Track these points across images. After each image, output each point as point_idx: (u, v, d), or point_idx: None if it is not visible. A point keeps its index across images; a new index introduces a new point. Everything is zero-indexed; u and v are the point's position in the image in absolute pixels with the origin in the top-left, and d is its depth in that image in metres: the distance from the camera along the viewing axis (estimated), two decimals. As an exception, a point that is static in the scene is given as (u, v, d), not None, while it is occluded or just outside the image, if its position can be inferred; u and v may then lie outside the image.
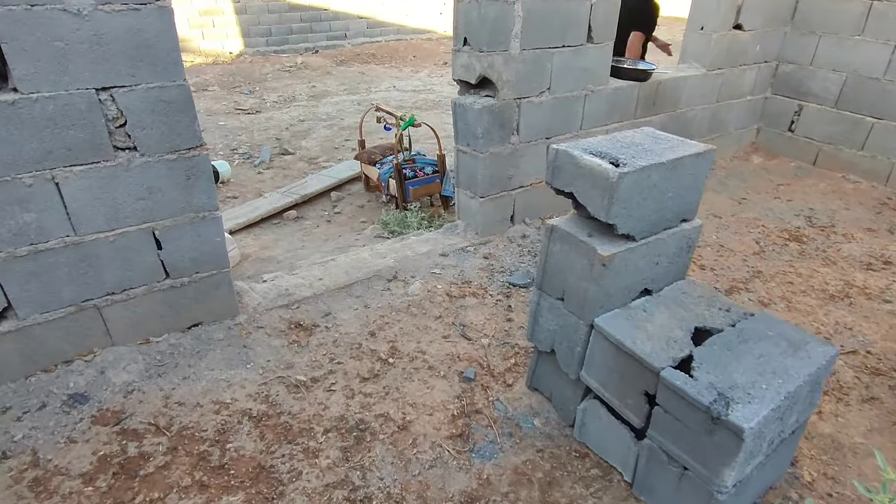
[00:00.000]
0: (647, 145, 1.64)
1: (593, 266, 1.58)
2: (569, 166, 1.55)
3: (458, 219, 3.27)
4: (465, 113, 2.86)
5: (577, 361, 1.77)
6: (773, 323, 1.65)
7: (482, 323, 2.50)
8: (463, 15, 2.67)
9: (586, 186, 1.52)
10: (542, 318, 1.87)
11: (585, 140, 1.64)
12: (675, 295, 1.79)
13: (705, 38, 3.76)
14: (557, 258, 1.71)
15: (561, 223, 1.67)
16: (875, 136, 3.93)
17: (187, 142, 2.00)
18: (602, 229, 1.63)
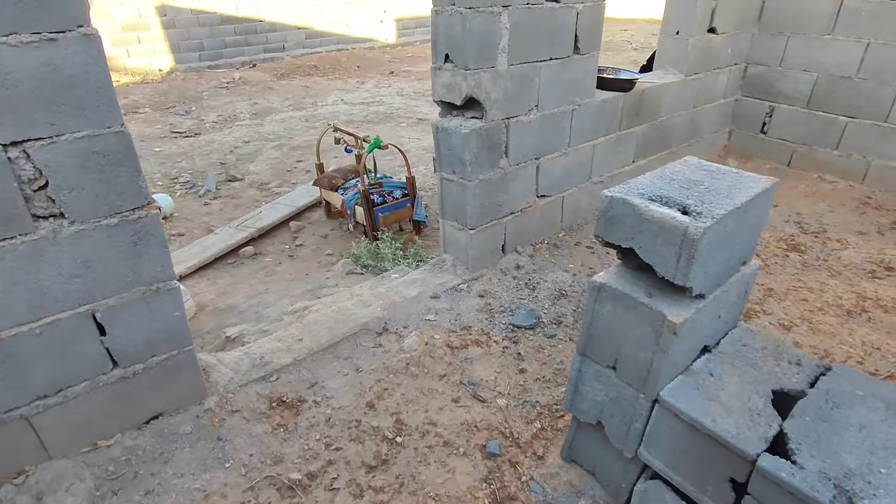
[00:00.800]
0: (706, 182, 1.39)
1: (661, 334, 1.31)
2: (629, 218, 1.27)
3: (444, 252, 2.95)
4: (450, 138, 2.55)
5: (635, 439, 1.50)
6: (857, 379, 1.43)
7: (493, 378, 2.20)
8: (443, 29, 2.37)
9: (653, 243, 1.24)
10: (586, 386, 1.59)
11: (636, 182, 1.37)
12: (735, 349, 1.55)
13: (682, 43, 3.62)
14: (608, 321, 1.43)
15: (610, 280, 1.40)
16: (849, 135, 3.92)
17: (131, 201, 1.60)
18: (661, 284, 1.36)
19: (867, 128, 3.82)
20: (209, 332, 3.08)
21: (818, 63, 3.91)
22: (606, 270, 1.46)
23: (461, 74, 2.39)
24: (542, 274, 2.89)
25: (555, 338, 2.44)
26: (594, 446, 1.70)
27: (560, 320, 2.56)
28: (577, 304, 2.66)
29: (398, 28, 12.96)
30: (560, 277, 2.87)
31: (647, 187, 1.32)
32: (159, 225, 1.68)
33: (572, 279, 2.85)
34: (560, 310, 2.63)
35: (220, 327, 3.09)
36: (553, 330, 2.48)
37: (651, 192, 1.30)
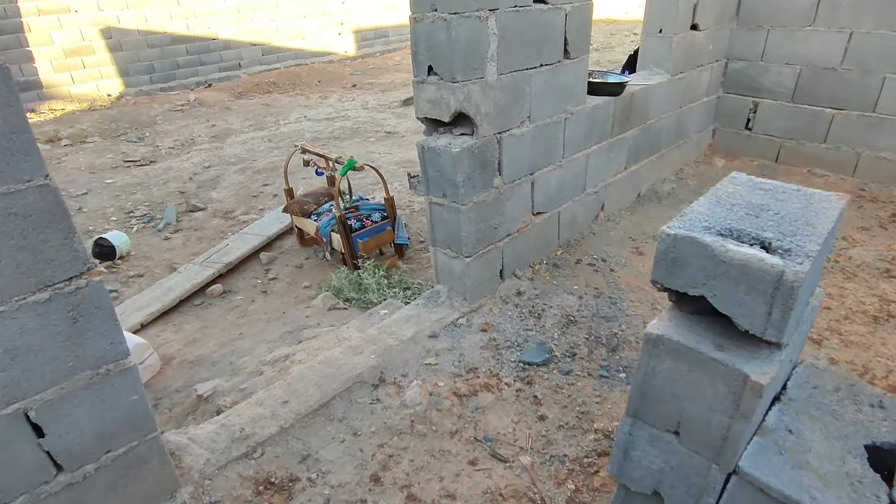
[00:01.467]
0: (773, 206, 1.16)
1: (741, 396, 1.07)
2: (699, 261, 1.03)
3: (437, 283, 2.68)
4: (438, 158, 2.29)
5: (701, 510, 1.26)
6: (957, 422, 1.23)
7: (510, 429, 1.94)
8: (425, 38, 2.11)
9: (733, 291, 1.00)
10: (639, 452, 1.34)
11: (694, 213, 1.13)
12: (807, 394, 1.33)
13: (666, 42, 3.46)
14: (668, 380, 1.19)
15: (669, 332, 1.15)
16: (836, 127, 3.82)
17: (65, 269, 1.28)
18: (730, 332, 1.13)
19: (855, 119, 3.73)
20: (178, 390, 2.73)
21: (800, 55, 3.82)
22: (659, 317, 1.22)
23: (448, 88, 2.13)
24: (546, 299, 2.65)
25: (571, 374, 2.19)
26: (646, 515, 1.46)
27: (573, 352, 2.32)
28: (588, 331, 2.43)
29: (357, 39, 12.67)
30: (566, 301, 2.63)
31: (710, 219, 1.09)
32: (104, 294, 1.36)
33: (579, 302, 2.62)
34: (571, 339, 2.39)
35: (189, 384, 2.74)
36: (568, 364, 2.24)
37: (718, 224, 1.06)
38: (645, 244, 3.13)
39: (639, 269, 2.88)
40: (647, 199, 3.68)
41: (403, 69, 11.53)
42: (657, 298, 2.64)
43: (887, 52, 3.48)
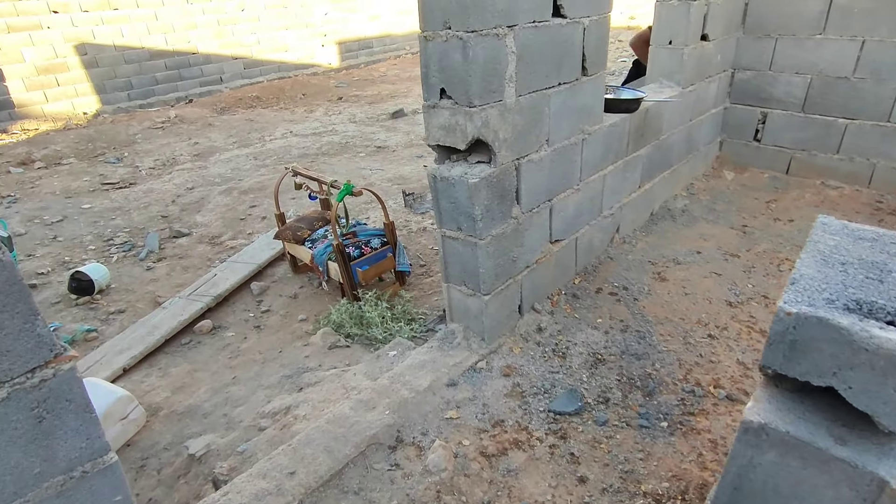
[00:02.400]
0: (891, 263, 0.97)
1: (873, 502, 0.87)
2: (830, 346, 0.83)
3: (450, 322, 2.46)
4: (453, 189, 2.08)
5: None
6: None
7: (549, 496, 1.72)
8: (437, 59, 1.91)
9: (880, 385, 0.80)
10: (725, 549, 1.13)
11: (805, 277, 0.94)
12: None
13: (677, 54, 3.30)
14: (772, 475, 0.99)
15: (775, 420, 0.95)
16: (850, 137, 3.70)
17: (25, 360, 1.04)
18: (848, 419, 0.93)
19: (869, 129, 3.61)
20: (166, 447, 2.48)
21: (811, 64, 3.69)
22: (755, 398, 1.01)
23: (464, 113, 1.92)
24: (570, 335, 2.45)
25: (608, 424, 1.99)
26: None
27: (607, 397, 2.11)
28: (619, 372, 2.23)
29: (341, 51, 12.46)
30: (590, 337, 2.43)
31: (827, 287, 0.89)
32: (77, 383, 1.12)
33: (605, 338, 2.42)
34: (602, 381, 2.19)
35: (179, 439, 2.49)
36: (603, 413, 2.03)
37: (840, 295, 0.87)
38: (666, 268, 2.94)
39: (664, 297, 2.70)
40: (660, 218, 3.51)
41: (389, 80, 11.34)
42: (688, 331, 2.45)
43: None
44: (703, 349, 2.33)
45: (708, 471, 1.77)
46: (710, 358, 2.28)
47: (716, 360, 2.26)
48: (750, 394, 2.07)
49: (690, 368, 2.23)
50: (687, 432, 1.93)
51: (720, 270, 2.90)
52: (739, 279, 2.82)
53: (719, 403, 2.05)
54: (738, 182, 4.05)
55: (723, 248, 3.15)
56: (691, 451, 1.85)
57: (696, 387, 2.12)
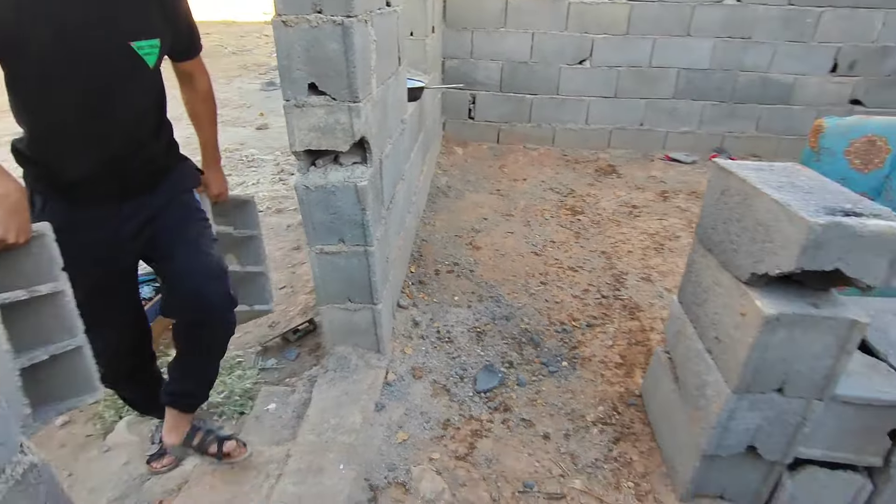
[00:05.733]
0: (809, 184, 1.41)
1: (847, 339, 1.30)
2: (841, 241, 1.17)
3: (334, 347, 2.19)
4: (333, 198, 1.84)
5: (788, 442, 1.48)
6: None
7: (534, 464, 1.81)
8: (303, 49, 1.61)
9: (865, 257, 1.19)
10: (736, 422, 1.47)
11: (794, 202, 1.27)
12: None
13: (419, 44, 3.57)
14: (780, 348, 1.33)
15: (782, 308, 1.29)
16: (536, 109, 4.73)
17: None
18: (808, 294, 1.35)
19: (547, 101, 4.70)
20: None
21: (500, 53, 4.53)
22: (745, 300, 1.34)
23: (345, 110, 1.71)
24: (441, 319, 2.51)
25: (528, 383, 2.17)
26: (723, 472, 1.62)
27: (509, 360, 2.29)
28: (502, 337, 2.43)
29: None
30: (460, 316, 2.55)
31: (813, 205, 1.24)
32: None
33: (471, 312, 2.58)
34: (496, 349, 2.35)
35: None
36: (520, 374, 2.20)
37: (825, 208, 1.23)
38: (473, 238, 3.27)
39: (489, 263, 3.01)
40: (436, 196, 3.82)
41: None
42: (525, 285, 2.82)
43: (558, 48, 4.47)
44: (545, 295, 2.74)
45: (616, 384, 2.15)
46: (554, 300, 2.70)
47: (559, 300, 2.70)
48: (596, 319, 2.57)
49: (548, 313, 2.60)
50: (582, 363, 2.28)
51: (510, 230, 3.40)
52: (527, 233, 3.37)
53: (585, 332, 2.48)
54: (467, 155, 4.71)
55: (497, 211, 3.67)
56: (595, 375, 2.21)
57: (563, 326, 2.51)
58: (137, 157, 1.42)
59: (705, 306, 1.61)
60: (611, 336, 2.43)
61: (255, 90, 8.05)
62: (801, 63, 4.51)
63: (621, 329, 2.47)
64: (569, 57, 4.55)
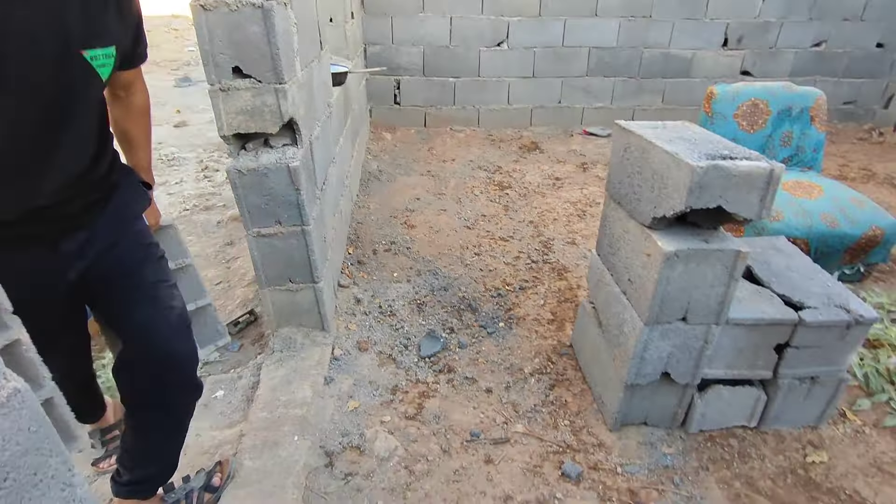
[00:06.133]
0: (690, 135, 1.60)
1: (734, 268, 1.51)
2: (719, 181, 1.36)
3: (278, 329, 2.23)
4: (267, 180, 1.88)
5: (700, 365, 1.70)
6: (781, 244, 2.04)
7: (479, 415, 1.95)
8: (226, 32, 1.63)
9: (740, 193, 1.39)
10: (651, 351, 1.66)
11: (679, 150, 1.45)
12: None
13: (339, 30, 3.58)
14: (680, 281, 1.53)
15: (678, 245, 1.48)
16: (459, 92, 4.86)
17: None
18: (698, 231, 1.56)
19: (469, 84, 4.84)
20: None
21: (421, 37, 4.61)
22: (649, 241, 1.53)
23: (272, 92, 1.75)
24: (382, 296, 2.59)
25: (469, 345, 2.31)
26: (644, 400, 1.82)
27: (450, 327, 2.41)
28: (441, 306, 2.55)
29: None
30: (400, 290, 2.64)
31: (695, 152, 1.43)
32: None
33: (410, 286, 2.68)
34: (436, 318, 2.47)
35: None
36: (460, 338, 2.33)
37: (704, 154, 1.42)
38: (408, 218, 3.36)
39: (425, 239, 3.11)
40: (369, 181, 3.87)
41: None
42: (460, 257, 2.95)
43: (476, 31, 4.61)
44: (479, 265, 2.89)
45: (549, 338, 2.33)
46: (488, 269, 2.85)
47: (493, 268, 2.85)
48: (528, 282, 2.75)
49: (483, 281, 2.74)
50: (517, 322, 2.44)
51: (443, 207, 3.52)
52: (459, 210, 3.50)
53: (518, 294, 2.64)
54: (396, 140, 4.77)
55: (429, 191, 3.78)
56: (530, 332, 2.38)
57: (497, 291, 2.66)
58: (79, 187, 1.16)
59: (619, 254, 1.79)
60: (542, 296, 2.61)
61: (168, 87, 7.68)
62: (696, 39, 4.90)
63: (551, 289, 2.66)
64: (487, 40, 4.70)
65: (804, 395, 1.81)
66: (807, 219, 2.55)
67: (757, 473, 1.73)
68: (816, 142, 2.97)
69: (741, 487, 1.68)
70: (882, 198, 3.75)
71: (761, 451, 1.81)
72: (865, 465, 1.77)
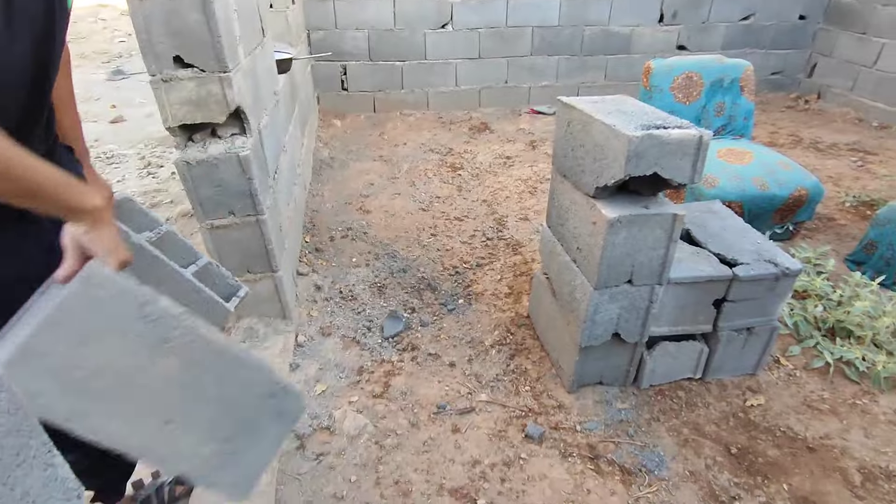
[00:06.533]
0: (624, 107, 1.69)
1: (672, 230, 1.62)
2: (653, 149, 1.45)
3: (240, 321, 2.22)
4: (217, 171, 1.86)
5: (643, 324, 1.82)
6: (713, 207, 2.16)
7: (444, 388, 2.02)
8: (163, 20, 1.59)
9: (674, 160, 1.49)
10: (601, 314, 1.76)
11: (615, 122, 1.54)
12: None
13: (281, 16, 3.50)
14: (624, 245, 1.62)
15: (621, 212, 1.57)
16: (407, 75, 4.85)
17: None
18: (636, 198, 1.66)
19: (416, 67, 4.83)
20: None
21: (365, 21, 4.56)
22: (593, 209, 1.61)
23: (218, 80, 1.72)
24: (342, 281, 2.61)
25: (431, 322, 2.37)
26: (598, 361, 1.93)
27: (412, 307, 2.47)
28: (402, 287, 2.59)
29: None
30: (360, 275, 2.67)
31: (631, 123, 1.52)
32: None
33: (369, 270, 2.71)
34: (397, 299, 2.51)
35: None
36: (422, 317, 2.39)
37: (640, 125, 1.51)
38: (363, 203, 3.37)
39: (381, 223, 3.14)
40: (321, 169, 3.84)
41: None
42: (417, 238, 3.00)
43: (420, 13, 4.60)
44: (436, 245, 2.94)
45: (507, 311, 2.42)
46: (445, 248, 2.91)
47: (450, 248, 2.91)
48: (484, 259, 2.82)
49: (441, 261, 2.80)
50: (476, 298, 2.52)
51: (397, 191, 3.54)
52: (413, 192, 3.53)
53: (476, 271, 2.71)
54: (346, 126, 4.73)
55: (383, 176, 3.79)
56: (488, 306, 2.46)
57: (455, 269, 2.73)
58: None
59: (567, 225, 1.88)
60: (498, 271, 2.69)
61: (100, 81, 7.29)
62: (634, 15, 5.06)
63: (507, 264, 2.75)
64: (431, 22, 4.70)
65: (742, 345, 1.97)
66: (740, 183, 2.72)
67: (703, 419, 1.87)
68: (746, 111, 3.16)
69: (689, 433, 1.82)
70: (808, 161, 4.02)
71: (706, 399, 1.96)
72: (797, 404, 1.95)
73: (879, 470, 1.70)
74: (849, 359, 2.07)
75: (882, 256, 2.59)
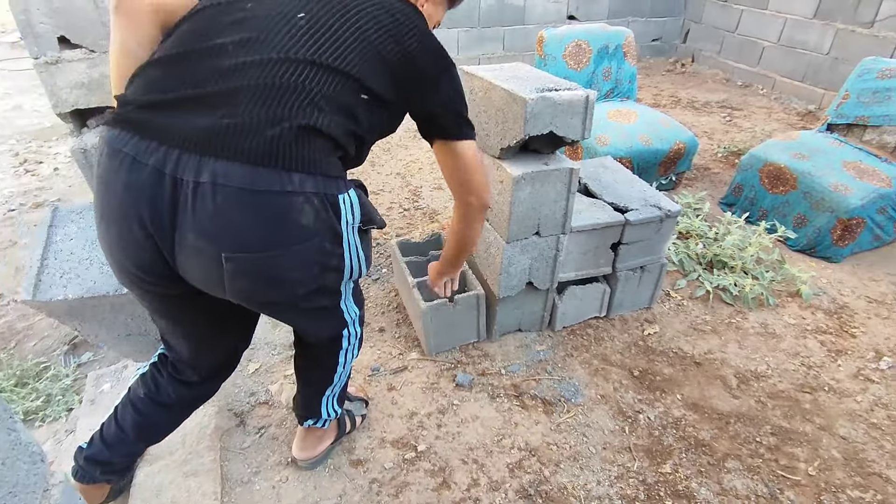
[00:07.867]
0: (522, 73, 1.83)
1: (570, 183, 1.80)
2: (548, 109, 1.60)
3: (158, 309, 2.16)
4: (118, 156, 1.79)
5: (552, 271, 2.01)
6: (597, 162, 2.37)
7: (379, 353, 2.12)
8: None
9: (566, 119, 1.64)
10: (514, 266, 1.93)
11: (513, 87, 1.66)
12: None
13: None
14: (529, 200, 1.78)
15: (524, 170, 1.72)
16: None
17: None
18: (537, 156, 1.82)
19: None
20: None
21: None
22: (499, 168, 1.75)
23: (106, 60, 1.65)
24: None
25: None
26: (515, 310, 2.11)
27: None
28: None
29: None
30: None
31: (527, 87, 1.65)
32: None
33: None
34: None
35: None
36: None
37: (534, 89, 1.65)
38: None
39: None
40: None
41: None
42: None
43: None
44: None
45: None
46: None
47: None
48: (403, 229, 2.91)
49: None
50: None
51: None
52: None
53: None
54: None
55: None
56: (412, 273, 2.56)
57: (376, 241, 2.79)
58: None
59: (478, 186, 2.01)
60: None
61: (-51, 70, 6.43)
62: (526, -13, 5.25)
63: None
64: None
65: (637, 282, 2.23)
66: (628, 140, 3.00)
67: (609, 351, 2.11)
68: (630, 74, 3.45)
69: (598, 364, 2.05)
70: (686, 119, 4.46)
71: (611, 333, 2.20)
72: (685, 328, 2.24)
73: (750, 373, 2.02)
74: (724, 285, 2.41)
75: (747, 197, 2.98)
